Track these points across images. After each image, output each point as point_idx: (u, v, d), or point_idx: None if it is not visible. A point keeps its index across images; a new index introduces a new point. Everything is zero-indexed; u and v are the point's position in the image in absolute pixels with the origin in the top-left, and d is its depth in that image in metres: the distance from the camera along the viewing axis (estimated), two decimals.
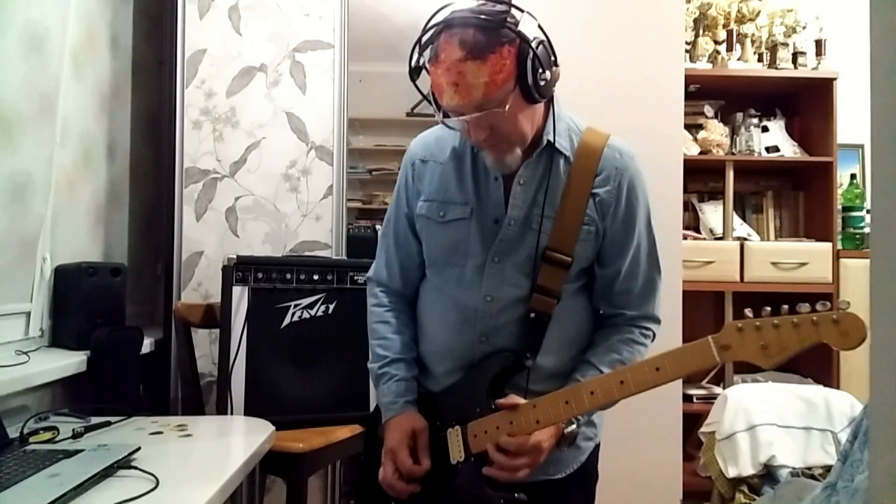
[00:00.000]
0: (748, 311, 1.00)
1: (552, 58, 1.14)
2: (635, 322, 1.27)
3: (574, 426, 1.18)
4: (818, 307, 0.95)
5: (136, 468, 1.19)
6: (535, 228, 1.21)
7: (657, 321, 1.30)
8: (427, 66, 1.13)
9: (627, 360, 1.23)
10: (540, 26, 1.13)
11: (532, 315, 1.20)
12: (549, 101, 1.22)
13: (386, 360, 1.30)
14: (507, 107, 1.09)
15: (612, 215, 1.23)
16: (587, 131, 1.26)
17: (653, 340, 1.29)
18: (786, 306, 0.98)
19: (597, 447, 1.33)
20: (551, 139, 1.21)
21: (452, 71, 1.08)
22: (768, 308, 0.99)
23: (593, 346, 1.26)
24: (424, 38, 1.12)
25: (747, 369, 3.00)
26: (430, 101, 1.15)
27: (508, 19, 1.08)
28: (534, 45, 1.09)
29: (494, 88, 1.08)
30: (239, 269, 1.99)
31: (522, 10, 1.11)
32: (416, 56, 1.14)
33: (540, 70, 1.10)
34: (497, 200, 1.23)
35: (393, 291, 1.37)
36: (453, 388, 1.25)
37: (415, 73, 1.15)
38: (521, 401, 1.16)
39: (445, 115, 1.15)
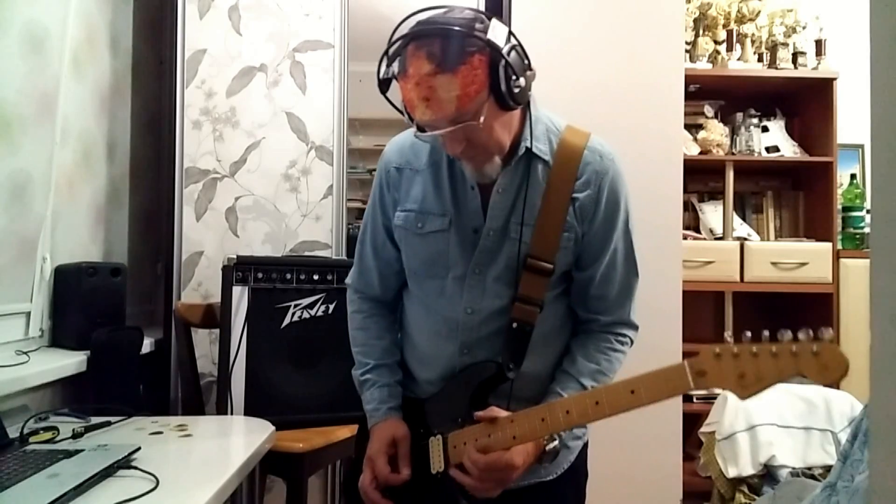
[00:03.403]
0: (728, 335, 0.96)
1: (526, 62, 1.10)
2: (610, 329, 1.25)
3: (556, 442, 1.15)
4: (800, 335, 0.90)
5: (136, 468, 1.19)
6: (514, 237, 1.18)
7: (634, 327, 1.27)
8: (396, 78, 1.08)
9: (606, 370, 1.21)
10: (511, 31, 1.08)
11: (514, 325, 1.18)
12: (526, 105, 1.17)
13: (368, 367, 1.29)
14: (482, 118, 1.05)
15: (591, 220, 1.19)
16: (567, 131, 1.22)
17: (630, 346, 1.27)
18: (766, 332, 0.93)
19: (585, 445, 1.32)
20: (529, 145, 1.17)
21: (423, 86, 1.04)
22: (748, 333, 0.94)
23: (571, 355, 1.23)
24: (391, 51, 1.08)
25: None
26: (402, 113, 1.12)
27: (477, 26, 1.04)
28: (505, 51, 1.05)
29: (467, 101, 1.04)
30: (239, 269, 1.99)
31: (490, 17, 1.07)
32: (383, 68, 1.09)
33: (513, 77, 1.06)
34: (475, 210, 1.20)
35: (371, 297, 1.35)
36: (437, 397, 1.24)
37: (384, 85, 1.11)
38: (502, 413, 1.14)
39: (420, 128, 1.11)
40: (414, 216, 1.23)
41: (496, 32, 1.05)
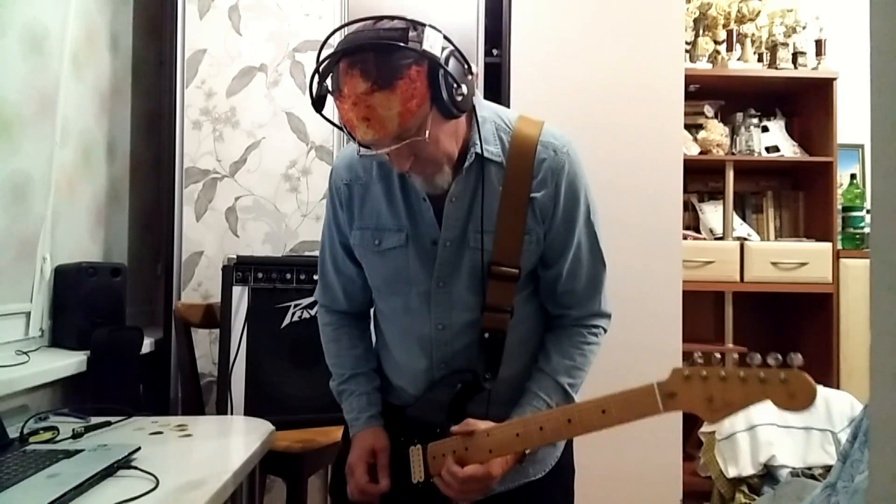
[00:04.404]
0: (697, 356, 0.95)
1: (465, 66, 1.05)
2: (582, 322, 1.23)
3: None
4: (770, 360, 0.88)
5: (136, 468, 1.19)
6: (474, 246, 1.14)
7: (606, 316, 1.25)
8: (332, 93, 1.03)
9: (581, 365, 1.20)
10: (446, 37, 1.03)
11: (486, 335, 1.16)
12: (472, 108, 1.11)
13: (344, 378, 1.29)
14: (427, 132, 1.01)
15: (552, 218, 1.16)
16: (519, 123, 1.17)
17: (604, 334, 1.25)
18: (735, 356, 0.92)
19: (570, 442, 1.31)
20: (479, 150, 1.13)
21: (360, 105, 0.98)
22: (718, 355, 0.94)
23: (545, 352, 1.22)
24: (322, 68, 1.03)
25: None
26: (342, 130, 1.07)
27: (410, 35, 0.99)
28: (442, 59, 1.00)
29: (409, 117, 0.99)
30: (239, 269, 1.99)
31: (424, 24, 1.01)
32: (315, 86, 1.05)
33: (455, 86, 1.01)
34: (430, 222, 1.16)
35: (337, 311, 1.34)
36: (416, 406, 1.23)
37: (317, 104, 1.06)
38: (479, 425, 1.12)
39: (363, 145, 1.06)
40: (370, 234, 1.20)
41: (431, 40, 1.00)
